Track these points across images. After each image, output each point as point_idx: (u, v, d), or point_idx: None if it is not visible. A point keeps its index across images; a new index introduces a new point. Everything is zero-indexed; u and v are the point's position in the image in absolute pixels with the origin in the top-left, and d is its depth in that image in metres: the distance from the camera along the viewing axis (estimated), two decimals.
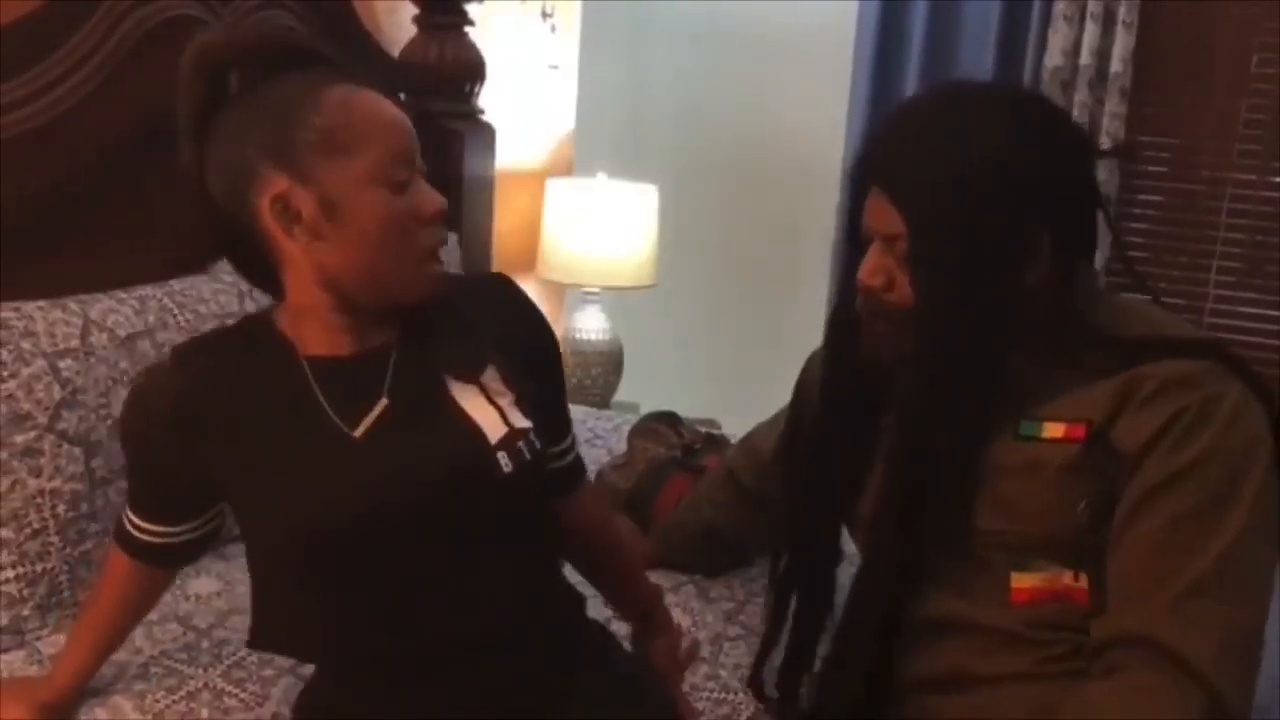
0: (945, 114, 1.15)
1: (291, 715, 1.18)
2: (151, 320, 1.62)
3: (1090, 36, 2.71)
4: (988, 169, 1.10)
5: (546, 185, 2.81)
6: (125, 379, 1.53)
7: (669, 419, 1.97)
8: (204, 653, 1.37)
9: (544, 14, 2.88)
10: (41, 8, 1.59)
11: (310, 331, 1.07)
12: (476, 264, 2.40)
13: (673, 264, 2.94)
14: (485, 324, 1.13)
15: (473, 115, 2.36)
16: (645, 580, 1.40)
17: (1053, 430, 1.13)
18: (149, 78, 1.71)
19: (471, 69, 2.31)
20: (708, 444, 1.89)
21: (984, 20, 2.80)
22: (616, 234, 2.73)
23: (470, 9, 2.30)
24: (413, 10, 2.28)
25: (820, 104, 3.03)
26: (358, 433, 1.05)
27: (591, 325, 2.92)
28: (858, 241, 1.20)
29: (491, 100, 2.41)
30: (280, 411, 1.05)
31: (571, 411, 1.30)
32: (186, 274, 1.76)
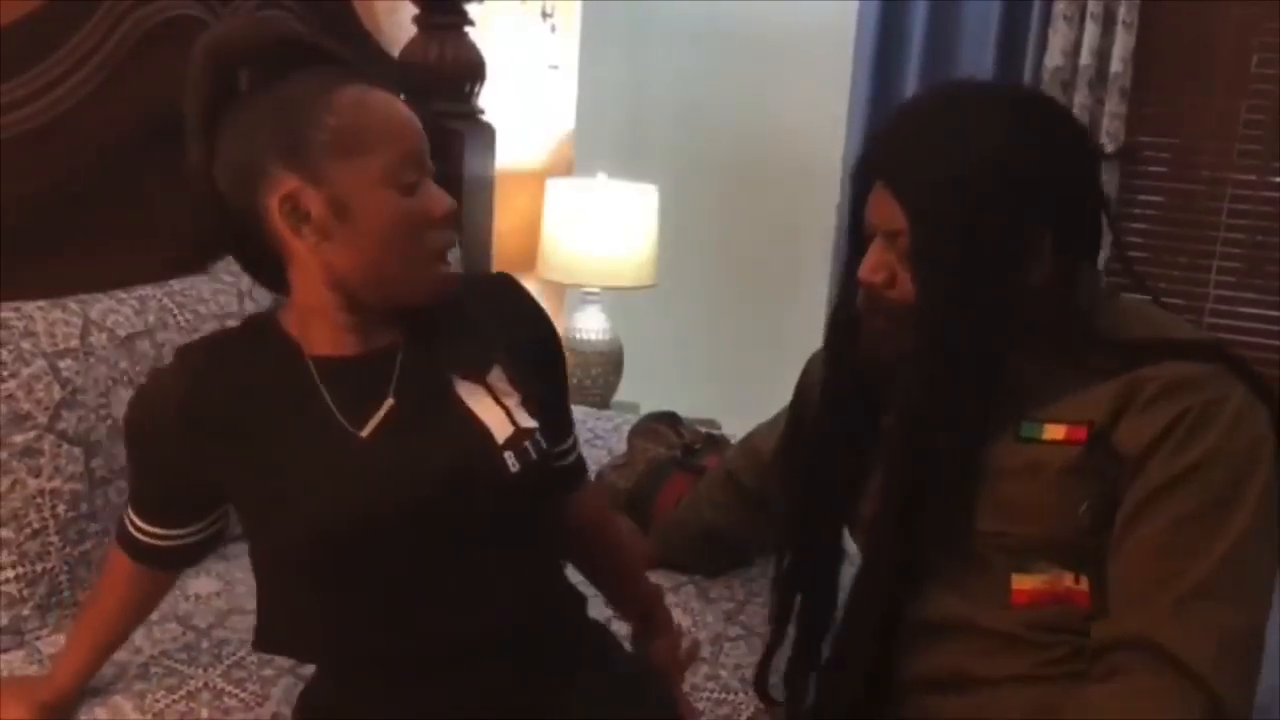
0: (950, 112, 1.15)
1: (292, 715, 1.18)
2: (151, 320, 1.62)
3: (1090, 36, 2.71)
4: (990, 168, 1.10)
5: (546, 185, 2.81)
6: (125, 379, 1.53)
7: (669, 419, 1.97)
8: (204, 653, 1.37)
9: (544, 14, 2.88)
10: (41, 8, 1.59)
11: (316, 331, 1.07)
12: (476, 264, 2.40)
13: (673, 264, 2.94)
14: (491, 324, 1.13)
15: (473, 115, 2.36)
16: (645, 580, 1.40)
17: (1054, 432, 1.13)
18: (149, 78, 1.71)
19: (471, 69, 2.31)
20: (708, 444, 1.89)
21: (984, 20, 2.80)
22: (616, 234, 2.73)
23: (470, 9, 2.29)
24: (413, 10, 2.27)
25: (820, 104, 3.03)
26: (364, 433, 1.05)
27: (591, 325, 2.92)
28: (860, 238, 1.20)
29: (491, 100, 2.41)
30: (286, 412, 1.05)
31: (572, 411, 1.30)
32: (186, 274, 1.76)
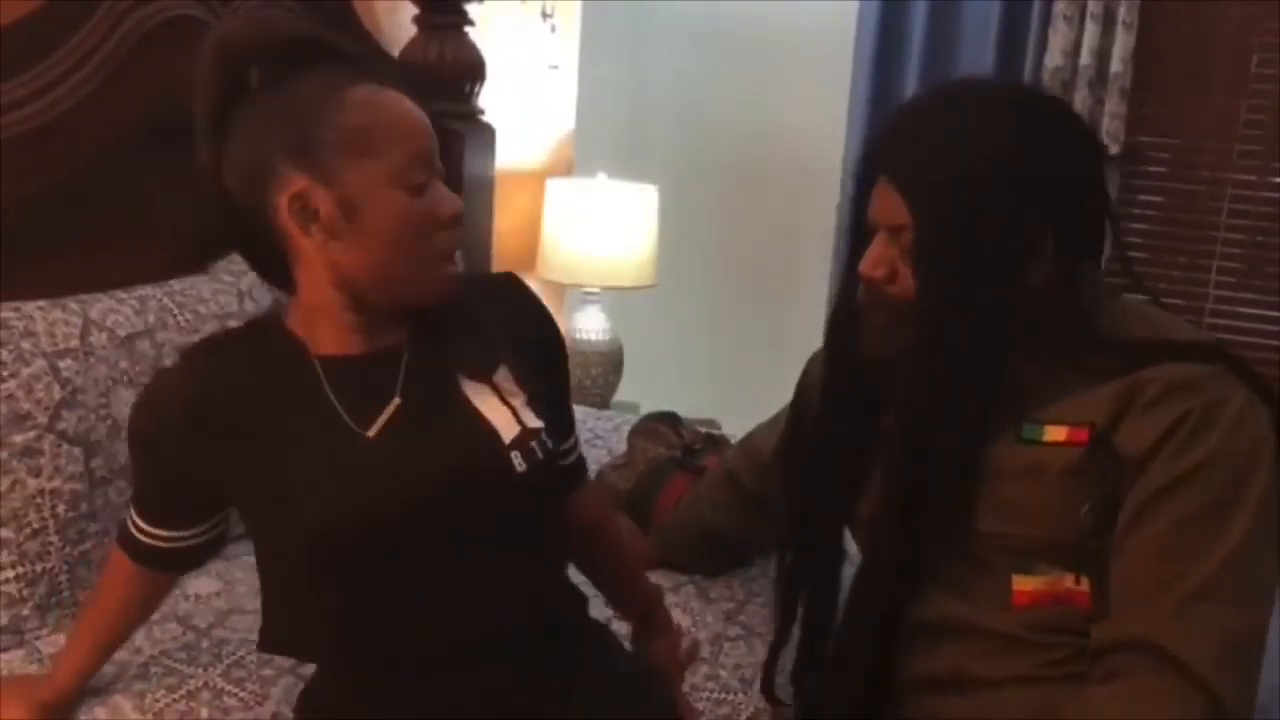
0: (956, 109, 1.15)
1: (292, 715, 1.18)
2: (151, 320, 1.62)
3: (1090, 36, 2.71)
4: (994, 166, 1.10)
5: (546, 185, 2.81)
6: (125, 379, 1.53)
7: (669, 419, 1.97)
8: (204, 652, 1.37)
9: (544, 14, 2.87)
10: (41, 8, 1.59)
11: (322, 330, 1.07)
12: (476, 264, 2.40)
13: (673, 264, 2.94)
14: (496, 323, 1.13)
15: (473, 115, 2.36)
16: (645, 580, 1.40)
17: (1055, 433, 1.13)
18: (149, 78, 1.71)
19: (471, 69, 2.31)
20: (708, 444, 1.89)
21: (984, 20, 2.81)
22: (616, 234, 2.73)
23: (470, 9, 2.29)
24: (413, 10, 2.27)
25: (820, 104, 3.03)
26: (371, 433, 1.04)
27: (591, 325, 2.92)
28: (862, 233, 1.20)
29: (491, 100, 2.41)
30: (292, 412, 1.05)
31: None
32: (186, 274, 1.76)
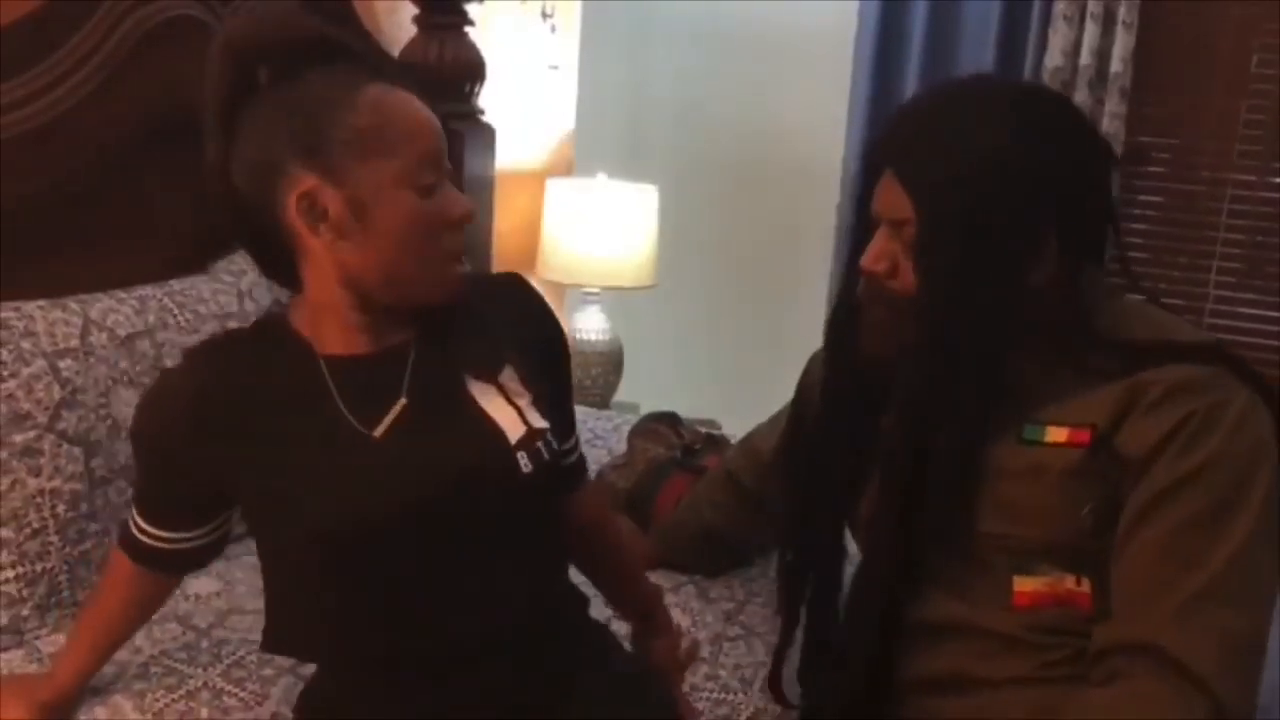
0: (965, 105, 1.14)
1: (292, 715, 1.18)
2: (151, 320, 1.62)
3: (1090, 36, 2.71)
4: (999, 164, 1.09)
5: (546, 185, 2.81)
6: (125, 379, 1.53)
7: (669, 419, 1.97)
8: (203, 652, 1.37)
9: (544, 14, 2.88)
10: (41, 8, 1.58)
11: (328, 330, 1.07)
12: (477, 264, 2.40)
13: (673, 264, 2.94)
14: (501, 324, 1.13)
15: (473, 115, 2.36)
16: (645, 580, 1.40)
17: (1056, 434, 1.12)
18: (149, 78, 1.71)
19: (471, 69, 2.30)
20: (708, 444, 1.89)
21: (984, 20, 2.80)
22: (616, 234, 2.73)
23: (470, 9, 2.29)
24: (413, 10, 2.27)
25: (820, 104, 3.03)
26: (377, 433, 1.04)
27: (591, 325, 2.92)
28: (864, 228, 1.20)
29: (491, 100, 2.41)
30: (297, 412, 1.05)
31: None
32: (186, 274, 1.76)
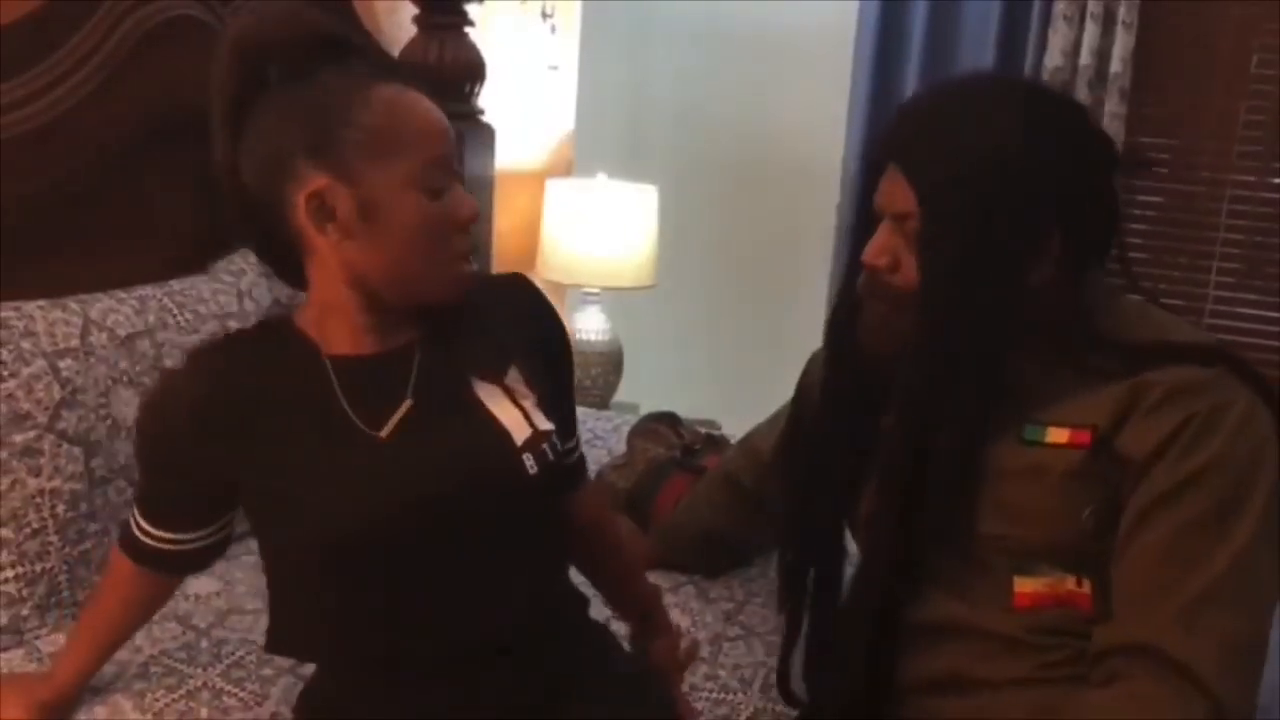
0: (973, 101, 1.14)
1: (292, 715, 1.18)
2: (151, 320, 1.62)
3: (1090, 37, 2.71)
4: (1006, 162, 1.09)
5: (546, 185, 2.81)
6: (125, 379, 1.54)
7: (669, 419, 1.97)
8: (203, 652, 1.37)
9: (544, 14, 2.88)
10: (41, 8, 1.59)
11: (333, 330, 1.07)
12: (477, 264, 2.40)
13: (673, 264, 2.94)
14: (507, 324, 1.13)
15: (473, 115, 2.36)
16: (644, 580, 1.39)
17: (1057, 435, 1.12)
18: (149, 78, 1.72)
19: (471, 69, 2.31)
20: (707, 444, 1.89)
21: (984, 20, 2.81)
22: (616, 234, 2.73)
23: (470, 9, 2.29)
24: (413, 10, 2.28)
25: (820, 104, 3.03)
26: (383, 433, 1.04)
27: (591, 325, 2.92)
28: (866, 222, 1.19)
29: (491, 100, 2.41)
30: (303, 412, 1.04)
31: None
32: (186, 274, 1.76)
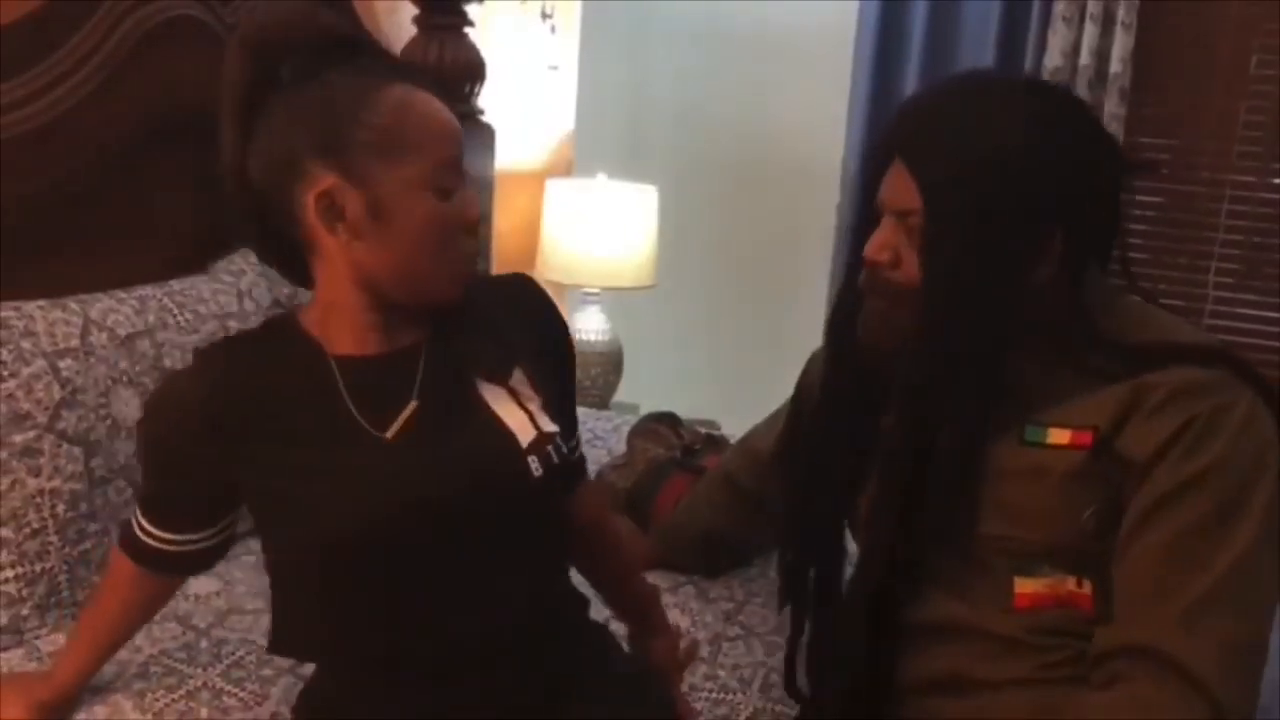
0: (981, 99, 1.13)
1: (291, 715, 1.18)
2: (151, 320, 1.62)
3: (1089, 37, 2.71)
4: (1010, 160, 1.08)
5: (546, 186, 2.81)
6: (125, 379, 1.54)
7: (669, 420, 1.98)
8: (203, 652, 1.37)
9: (544, 14, 2.88)
10: (41, 8, 1.59)
11: (338, 329, 1.06)
12: (479, 265, 2.40)
13: (672, 264, 2.94)
14: (511, 326, 1.13)
15: (472, 116, 2.36)
16: (642, 580, 1.39)
17: (1058, 436, 1.12)
18: (149, 78, 1.72)
19: (471, 69, 2.31)
20: (707, 444, 1.89)
21: (984, 20, 2.81)
22: (616, 234, 2.73)
23: (470, 9, 2.29)
24: (413, 10, 2.28)
25: (820, 104, 3.03)
26: (389, 434, 1.04)
27: (591, 326, 2.92)
28: (867, 218, 1.19)
29: (491, 101, 2.41)
30: (308, 413, 1.04)
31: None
32: (186, 274, 1.76)
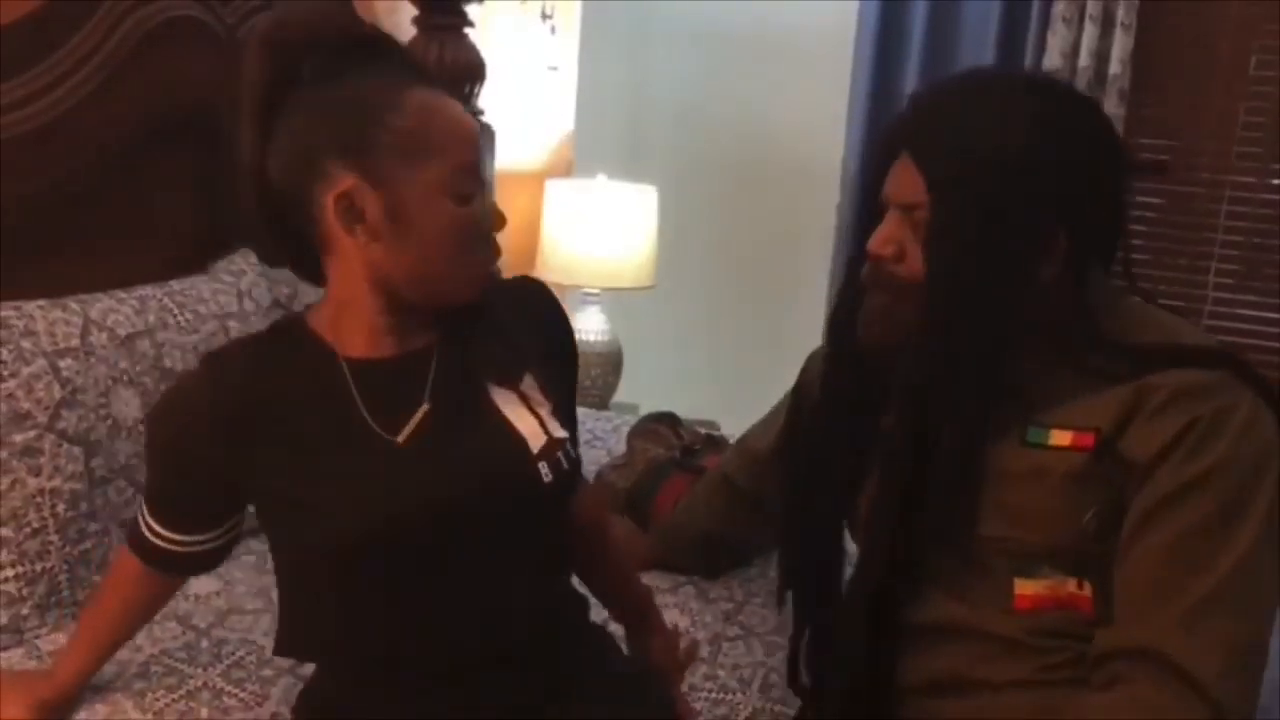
0: (989, 94, 1.13)
1: (291, 715, 1.18)
2: (151, 320, 1.62)
3: (1089, 38, 2.71)
4: (1017, 157, 1.08)
5: (546, 186, 2.81)
6: (125, 379, 1.54)
7: (668, 420, 1.98)
8: (203, 652, 1.37)
9: (544, 15, 2.88)
10: (41, 8, 1.59)
11: (350, 331, 1.06)
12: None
13: (672, 264, 2.94)
14: (522, 330, 1.13)
15: (472, 116, 2.36)
16: (638, 581, 1.39)
17: (1060, 438, 1.12)
18: (149, 78, 1.72)
19: (471, 70, 2.30)
20: (707, 445, 1.89)
21: (984, 20, 2.81)
22: (616, 235, 2.73)
23: (470, 10, 2.29)
24: (412, 11, 2.27)
25: (820, 104, 3.03)
26: (400, 438, 1.04)
27: (591, 326, 2.92)
28: (872, 213, 1.18)
29: (491, 101, 2.41)
30: (319, 416, 1.04)
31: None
32: (186, 274, 1.76)
